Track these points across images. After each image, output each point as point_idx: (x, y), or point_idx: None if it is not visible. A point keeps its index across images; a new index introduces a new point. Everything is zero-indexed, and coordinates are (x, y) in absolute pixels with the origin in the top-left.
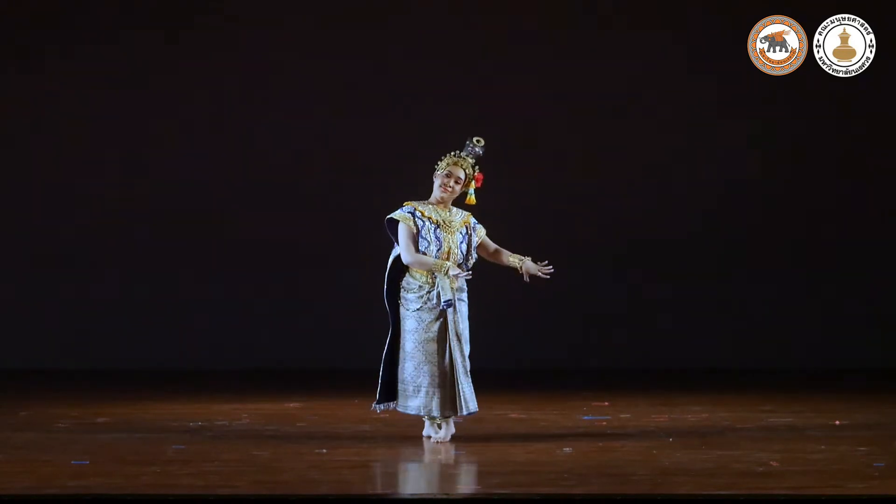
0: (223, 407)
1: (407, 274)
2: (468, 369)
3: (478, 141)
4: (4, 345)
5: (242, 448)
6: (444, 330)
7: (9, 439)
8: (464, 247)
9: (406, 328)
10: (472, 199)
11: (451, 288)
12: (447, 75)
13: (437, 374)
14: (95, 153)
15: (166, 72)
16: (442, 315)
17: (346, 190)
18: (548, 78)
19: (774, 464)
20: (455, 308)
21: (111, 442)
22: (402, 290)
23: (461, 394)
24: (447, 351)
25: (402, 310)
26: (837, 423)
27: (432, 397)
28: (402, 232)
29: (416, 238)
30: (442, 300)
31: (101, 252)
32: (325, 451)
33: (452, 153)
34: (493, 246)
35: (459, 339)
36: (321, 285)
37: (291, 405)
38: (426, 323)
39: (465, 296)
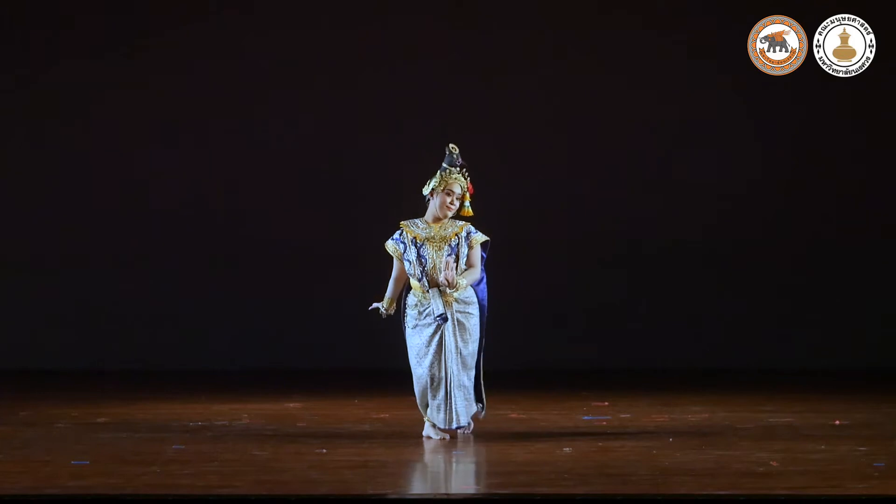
0: (223, 407)
1: (410, 292)
2: (465, 382)
3: (454, 148)
4: (4, 345)
5: (242, 448)
6: (440, 343)
7: (9, 439)
8: (450, 260)
9: (409, 344)
10: (468, 210)
11: (450, 303)
12: (448, 75)
13: (432, 386)
14: (95, 153)
15: (166, 71)
16: (439, 329)
17: (347, 190)
18: (546, 77)
19: (774, 464)
20: (453, 321)
21: (111, 442)
22: (405, 307)
23: (453, 407)
24: (443, 363)
25: (406, 327)
26: (837, 423)
27: (437, 408)
28: (394, 262)
29: (401, 262)
30: (435, 315)
31: (101, 252)
32: (325, 451)
33: (442, 170)
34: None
35: (459, 353)
36: (321, 285)
37: (291, 405)
38: (426, 338)
39: (472, 308)
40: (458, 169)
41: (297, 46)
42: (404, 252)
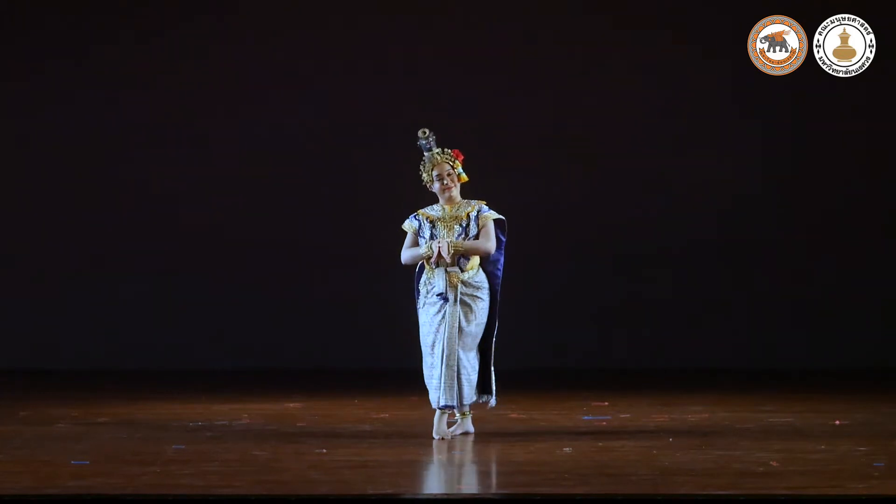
0: (223, 407)
1: (424, 272)
2: (465, 363)
3: (423, 133)
4: (4, 345)
5: (242, 448)
6: (441, 322)
7: (9, 439)
8: (460, 240)
9: (420, 323)
10: (463, 176)
11: (455, 284)
12: (450, 75)
13: (430, 363)
14: (95, 154)
15: (165, 71)
16: (442, 309)
17: (347, 190)
18: (548, 78)
19: (774, 464)
20: (455, 302)
21: (111, 442)
22: (418, 286)
23: (441, 385)
24: (442, 343)
25: (417, 307)
26: (837, 423)
27: (435, 388)
28: (407, 236)
29: (415, 239)
30: (436, 293)
31: (101, 252)
32: (325, 451)
33: (423, 161)
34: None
35: (458, 334)
36: (321, 285)
37: (291, 405)
38: (430, 317)
39: (482, 293)
40: (435, 150)
41: (297, 46)
42: (419, 229)
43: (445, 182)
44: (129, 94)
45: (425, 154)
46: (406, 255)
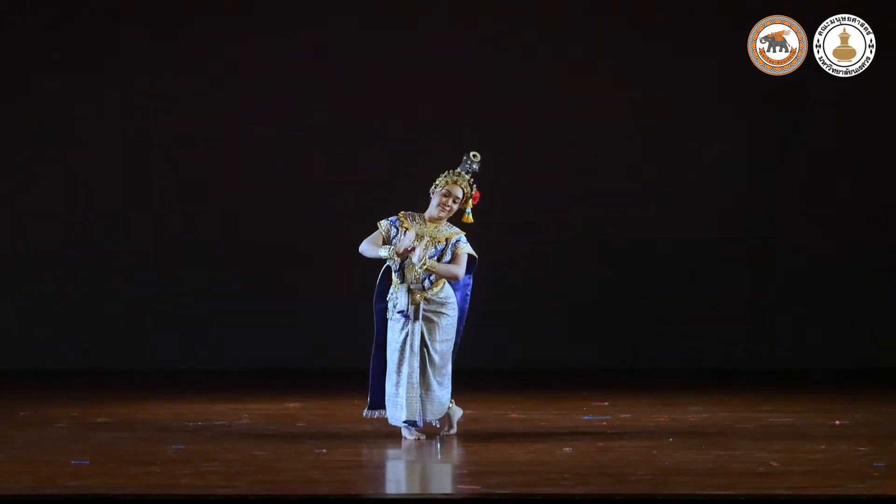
0: (223, 407)
1: (392, 285)
2: (431, 379)
3: (474, 156)
4: (5, 345)
5: (242, 448)
6: (405, 340)
7: (9, 439)
8: (433, 261)
9: (388, 337)
10: (468, 217)
11: (417, 301)
12: (448, 76)
13: (395, 381)
14: (95, 153)
15: (165, 71)
16: (405, 327)
17: (347, 190)
18: (548, 78)
19: (774, 464)
20: (416, 319)
21: (111, 442)
22: (387, 298)
23: (409, 401)
24: (405, 360)
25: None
26: (837, 423)
27: (398, 405)
28: (376, 232)
29: (384, 242)
30: (397, 309)
31: (100, 252)
32: (325, 451)
33: (450, 171)
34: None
35: (425, 350)
36: (321, 285)
37: (291, 405)
38: (396, 333)
39: (447, 309)
40: (467, 174)
41: (296, 46)
42: (394, 237)
43: (447, 203)
44: (122, 91)
45: (458, 169)
46: (367, 246)
